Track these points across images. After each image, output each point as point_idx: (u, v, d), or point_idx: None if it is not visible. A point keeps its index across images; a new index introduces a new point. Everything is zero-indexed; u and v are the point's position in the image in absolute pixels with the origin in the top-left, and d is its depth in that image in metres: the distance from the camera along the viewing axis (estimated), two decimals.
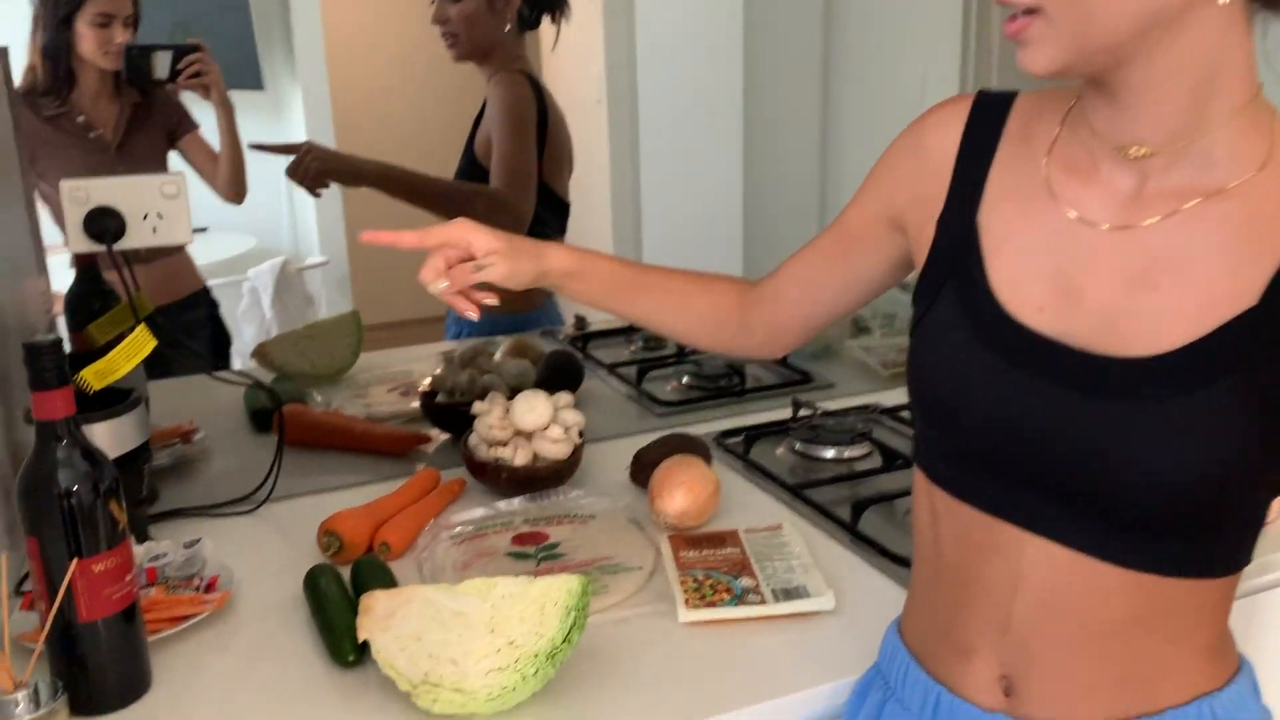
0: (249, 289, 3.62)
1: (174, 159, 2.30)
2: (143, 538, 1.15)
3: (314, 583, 1.05)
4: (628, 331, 2.03)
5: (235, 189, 2.30)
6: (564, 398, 1.33)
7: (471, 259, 0.97)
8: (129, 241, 1.19)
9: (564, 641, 0.88)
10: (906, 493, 1.25)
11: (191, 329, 2.29)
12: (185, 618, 1.02)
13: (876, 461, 1.39)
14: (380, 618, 0.91)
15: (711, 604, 1.02)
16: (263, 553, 1.20)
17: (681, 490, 1.18)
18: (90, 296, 1.44)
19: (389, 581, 1.06)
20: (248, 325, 3.57)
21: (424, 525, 1.21)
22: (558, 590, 0.89)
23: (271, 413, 1.52)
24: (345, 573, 1.10)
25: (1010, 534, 0.76)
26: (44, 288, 1.67)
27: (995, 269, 0.77)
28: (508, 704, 0.87)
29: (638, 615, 1.03)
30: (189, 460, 1.45)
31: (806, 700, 0.93)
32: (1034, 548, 0.75)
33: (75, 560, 0.86)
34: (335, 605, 1.00)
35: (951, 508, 0.80)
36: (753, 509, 1.27)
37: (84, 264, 1.46)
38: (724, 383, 1.70)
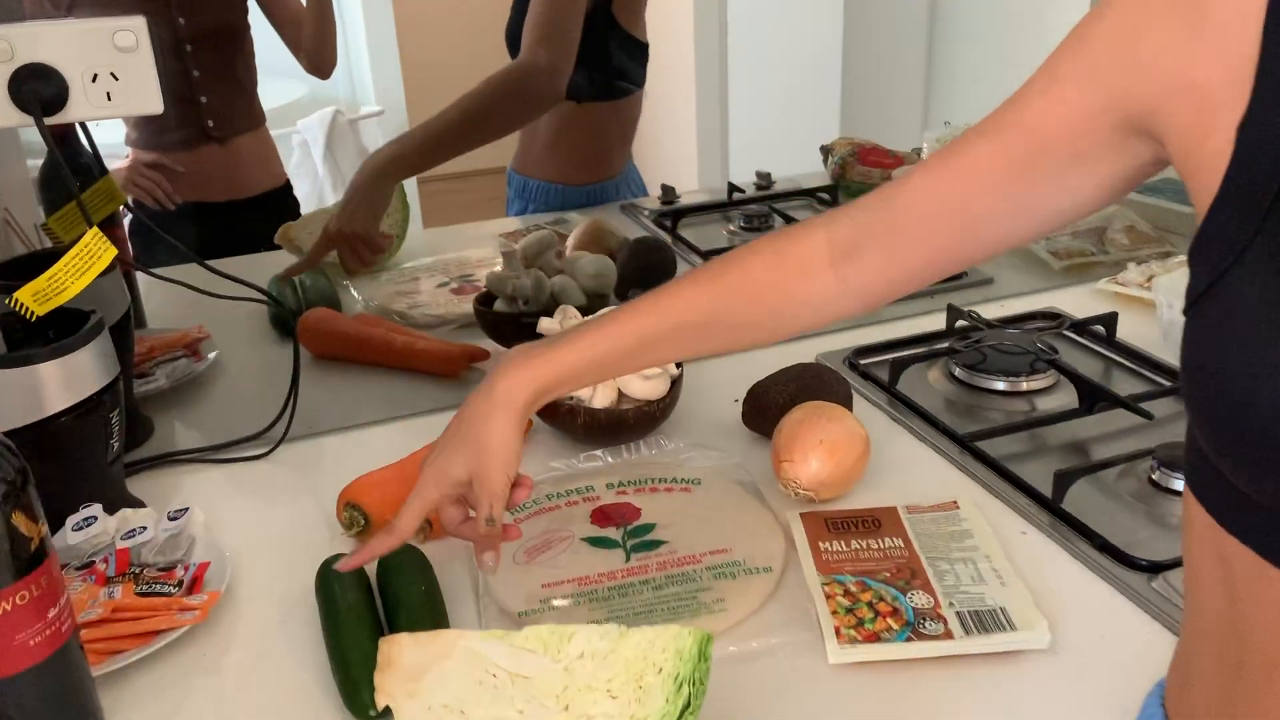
0: (299, 142, 3.32)
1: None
2: (116, 504, 0.89)
3: (326, 589, 0.78)
4: (724, 206, 1.69)
5: (320, 59, 1.91)
6: None
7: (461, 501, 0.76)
8: (74, 111, 0.88)
9: None
10: (1123, 459, 0.92)
11: (262, 234, 1.63)
12: (159, 633, 0.76)
13: (1068, 398, 1.06)
14: (406, 677, 0.63)
15: (873, 637, 0.72)
16: (271, 520, 0.93)
17: (820, 452, 0.87)
18: (62, 177, 1.15)
19: (428, 586, 0.78)
20: (299, 181, 3.28)
21: None
22: (662, 651, 0.60)
23: (296, 319, 1.23)
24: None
25: None
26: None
27: None
28: None
29: (766, 649, 0.74)
30: (194, 381, 1.18)
31: None
32: None
33: None
34: (352, 630, 0.73)
35: (1265, 578, 0.48)
36: (906, 467, 0.96)
37: (58, 133, 1.16)
38: None
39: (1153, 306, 1.21)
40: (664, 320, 0.73)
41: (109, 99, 0.90)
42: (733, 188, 1.73)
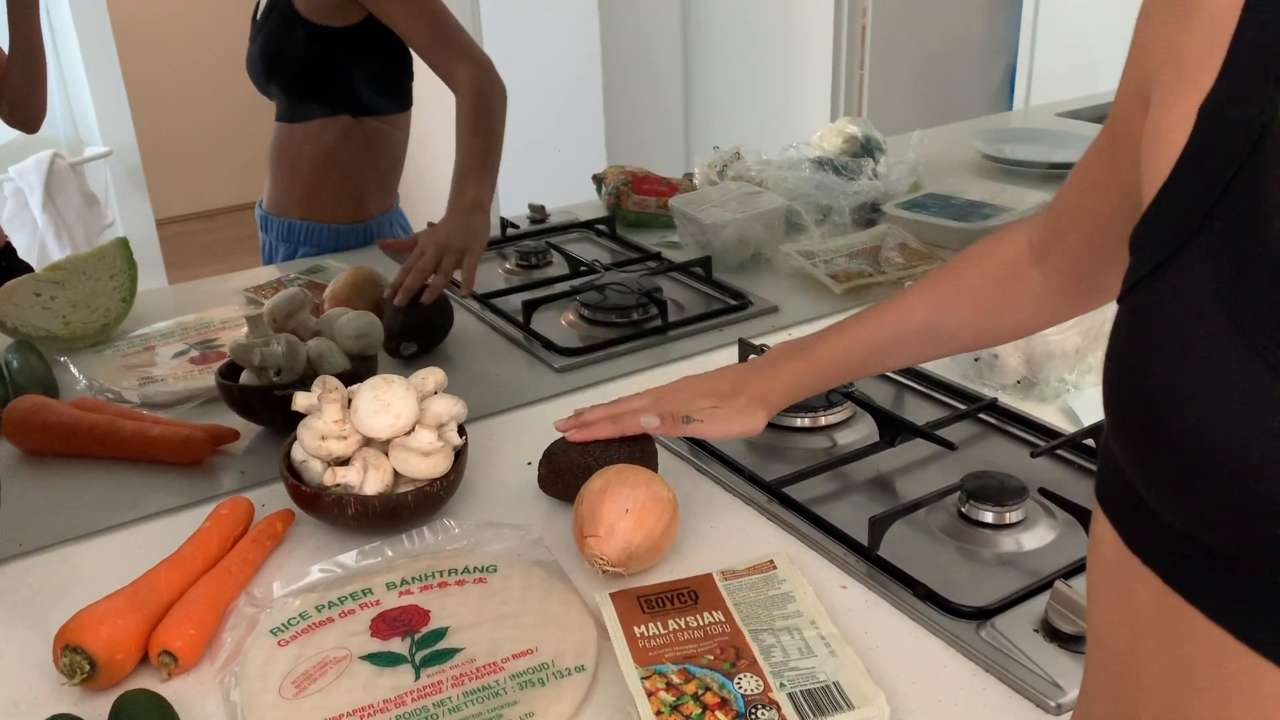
0: (12, 190, 2.97)
1: None
2: None
3: None
4: (498, 243, 1.59)
5: (27, 109, 1.62)
6: (432, 377, 0.90)
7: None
8: None
9: None
10: (933, 496, 0.89)
11: None
12: None
13: (867, 430, 1.03)
14: None
15: None
16: None
17: (627, 521, 0.79)
18: None
19: None
20: (16, 235, 2.93)
21: (229, 603, 0.79)
22: None
23: None
24: (102, 712, 0.67)
25: None
26: None
27: None
28: None
29: None
30: None
31: None
32: None
33: None
34: None
35: (1174, 614, 0.44)
36: (716, 524, 0.90)
37: None
38: (638, 315, 1.29)
39: None
40: (887, 330, 0.83)
41: None
42: (506, 223, 1.64)
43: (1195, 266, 0.41)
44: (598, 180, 1.72)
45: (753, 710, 0.66)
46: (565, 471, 0.89)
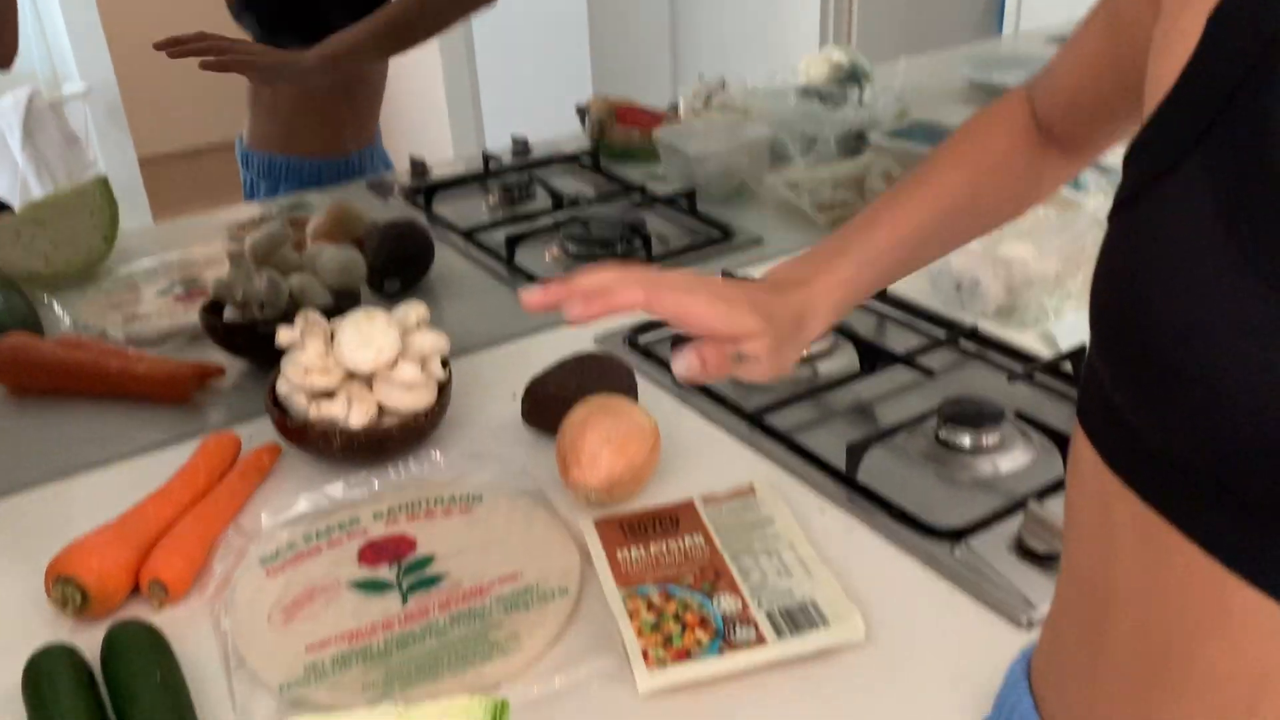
0: None
1: None
2: None
3: (36, 693, 0.64)
4: (481, 178, 1.58)
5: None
6: (414, 311, 0.91)
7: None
8: None
9: None
10: (910, 422, 0.90)
11: None
12: None
13: (848, 360, 1.03)
14: None
15: (683, 654, 0.66)
16: None
17: (608, 451, 0.80)
18: None
19: (164, 673, 0.65)
20: None
21: (218, 535, 0.80)
22: None
23: None
24: (95, 641, 0.69)
25: (1261, 606, 0.42)
26: None
27: None
28: None
29: (571, 684, 0.66)
30: None
31: None
32: None
33: None
34: None
35: (1149, 532, 0.45)
36: (698, 453, 0.91)
37: None
38: (622, 249, 1.29)
39: None
40: (933, 211, 0.69)
41: None
42: (488, 156, 1.62)
43: (1193, 181, 0.40)
44: (581, 111, 1.70)
45: (731, 628, 0.68)
46: (549, 403, 0.90)
